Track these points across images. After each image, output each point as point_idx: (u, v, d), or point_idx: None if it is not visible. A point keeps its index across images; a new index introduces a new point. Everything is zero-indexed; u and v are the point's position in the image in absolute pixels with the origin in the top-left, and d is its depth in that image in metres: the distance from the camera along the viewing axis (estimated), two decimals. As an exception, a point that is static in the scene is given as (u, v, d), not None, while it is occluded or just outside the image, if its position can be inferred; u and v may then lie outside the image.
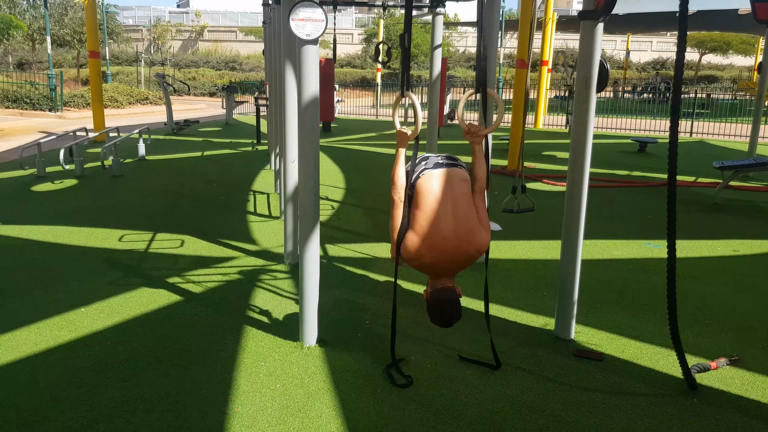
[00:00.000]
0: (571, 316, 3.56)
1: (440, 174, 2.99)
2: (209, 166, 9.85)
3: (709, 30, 34.63)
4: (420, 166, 3.07)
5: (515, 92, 9.72)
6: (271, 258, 5.02)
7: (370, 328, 3.70)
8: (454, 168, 3.04)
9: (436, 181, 2.97)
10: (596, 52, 3.26)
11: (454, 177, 2.99)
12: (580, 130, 3.36)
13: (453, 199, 2.92)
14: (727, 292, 4.43)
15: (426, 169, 3.02)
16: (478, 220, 2.95)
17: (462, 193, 2.96)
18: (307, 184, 3.27)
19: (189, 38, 46.33)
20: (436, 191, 2.93)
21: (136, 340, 3.47)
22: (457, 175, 3.01)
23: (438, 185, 2.95)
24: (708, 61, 43.00)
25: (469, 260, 2.93)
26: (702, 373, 3.17)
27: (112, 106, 21.34)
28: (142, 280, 4.46)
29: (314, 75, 3.16)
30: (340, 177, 9.02)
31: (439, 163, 3.06)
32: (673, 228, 2.77)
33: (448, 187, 2.94)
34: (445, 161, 3.09)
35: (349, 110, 21.81)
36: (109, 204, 6.95)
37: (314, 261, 3.33)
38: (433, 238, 2.86)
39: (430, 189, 2.94)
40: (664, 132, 16.09)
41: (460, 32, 46.69)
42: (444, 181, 2.96)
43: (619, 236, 5.89)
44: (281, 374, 3.09)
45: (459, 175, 3.01)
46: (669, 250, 2.84)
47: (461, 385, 3.03)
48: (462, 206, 2.92)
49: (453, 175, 3.00)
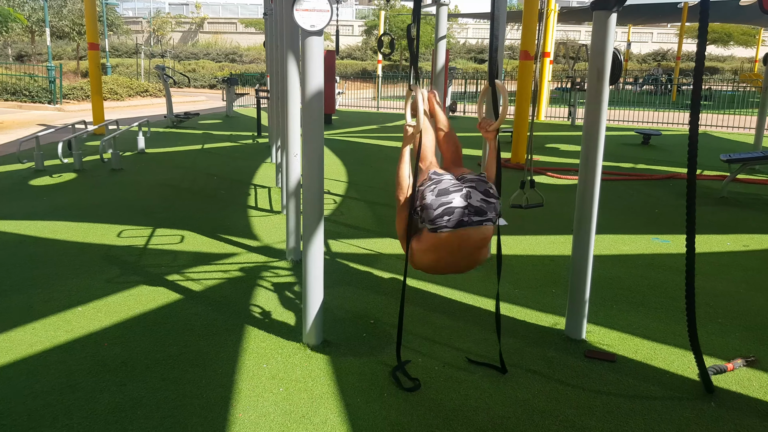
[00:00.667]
0: (583, 316, 3.45)
1: (461, 237, 2.67)
2: (209, 160, 9.73)
3: (711, 21, 34.35)
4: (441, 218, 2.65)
5: (519, 84, 9.59)
6: (272, 254, 4.92)
7: (375, 327, 3.60)
8: (479, 227, 2.68)
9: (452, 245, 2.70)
10: (609, 44, 3.15)
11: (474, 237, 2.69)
12: (592, 124, 3.25)
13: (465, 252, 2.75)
14: (739, 289, 4.33)
15: (446, 227, 2.65)
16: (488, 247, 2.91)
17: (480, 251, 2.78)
18: (312, 182, 3.17)
19: (189, 30, 46.13)
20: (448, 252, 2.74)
21: (133, 341, 3.37)
22: (480, 233, 2.70)
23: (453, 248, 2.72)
24: (709, 53, 42.73)
25: None
26: (718, 374, 3.07)
27: (112, 99, 21.20)
28: (140, 277, 4.36)
29: (319, 67, 3.04)
30: (342, 170, 8.90)
31: (464, 221, 2.65)
32: (693, 227, 2.66)
33: (465, 246, 2.72)
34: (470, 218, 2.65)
35: (350, 102, 21.66)
36: (108, 198, 6.84)
37: (318, 261, 3.23)
38: (436, 268, 2.88)
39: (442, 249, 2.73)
40: (667, 124, 15.97)
41: (461, 24, 46.43)
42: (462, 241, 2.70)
43: (626, 231, 5.79)
44: (284, 377, 2.99)
45: (482, 234, 2.70)
46: (688, 251, 2.73)
47: (471, 388, 2.93)
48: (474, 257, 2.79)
49: (474, 235, 2.69)
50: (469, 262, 2.82)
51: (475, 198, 2.68)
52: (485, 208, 2.69)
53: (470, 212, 2.65)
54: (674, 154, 11.04)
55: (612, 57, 3.14)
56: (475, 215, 2.66)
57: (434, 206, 2.66)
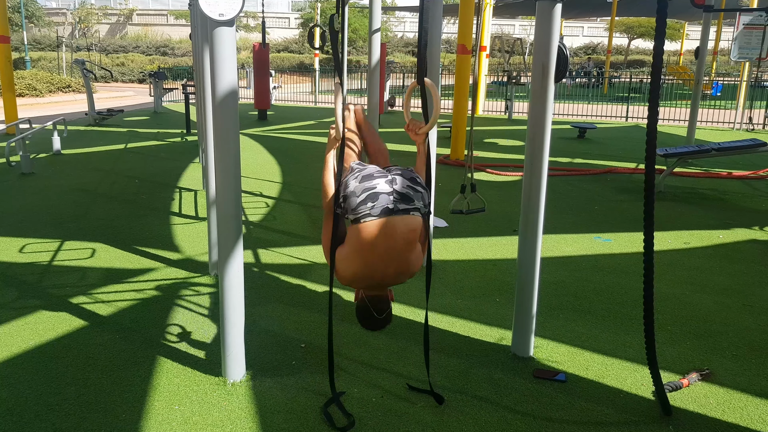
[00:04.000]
0: (530, 331, 3.21)
1: (385, 225, 2.46)
2: (132, 160, 9.09)
3: (638, 16, 35.45)
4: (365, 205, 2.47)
5: (457, 78, 9.38)
6: (194, 268, 4.48)
7: (306, 352, 3.24)
8: (405, 216, 2.49)
9: (379, 235, 2.45)
10: (554, 37, 2.89)
11: (401, 227, 2.48)
12: (537, 123, 3.00)
13: (394, 250, 2.49)
14: (685, 291, 4.21)
15: (370, 215, 2.46)
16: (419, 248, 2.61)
17: (408, 241, 2.51)
18: (226, 196, 2.77)
19: (117, 22, 44.11)
20: (376, 245, 2.46)
21: (24, 382, 2.90)
22: (407, 224, 2.49)
23: (380, 239, 2.46)
24: (636, 46, 44.16)
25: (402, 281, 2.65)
26: (674, 392, 2.88)
27: (30, 95, 19.85)
28: (40, 301, 3.85)
29: (230, 62, 2.65)
30: (276, 169, 8.46)
31: (389, 208, 2.46)
32: (651, 244, 2.44)
33: (391, 240, 2.47)
34: (396, 205, 2.48)
35: (286, 97, 21.07)
36: (13, 207, 6.19)
37: (237, 287, 2.85)
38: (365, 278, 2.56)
39: (368, 241, 2.46)
40: (601, 117, 16.19)
41: (398, 17, 46.25)
42: (388, 233, 2.46)
43: (567, 230, 5.63)
44: (199, 421, 2.60)
45: (408, 225, 2.49)
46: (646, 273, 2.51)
47: (412, 422, 2.63)
48: (404, 255, 2.52)
49: (401, 225, 2.48)
50: (400, 266, 2.53)
51: (401, 184, 2.54)
52: (412, 195, 2.54)
53: (396, 199, 2.50)
54: (610, 147, 11.11)
55: (557, 51, 2.89)
56: (401, 202, 2.50)
57: (357, 193, 2.50)
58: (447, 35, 36.24)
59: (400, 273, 2.56)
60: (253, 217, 6.00)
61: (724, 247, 5.23)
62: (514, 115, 15.70)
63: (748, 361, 3.22)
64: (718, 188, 7.55)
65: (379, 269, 2.51)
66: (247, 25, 41.04)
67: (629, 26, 40.12)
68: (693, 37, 39.50)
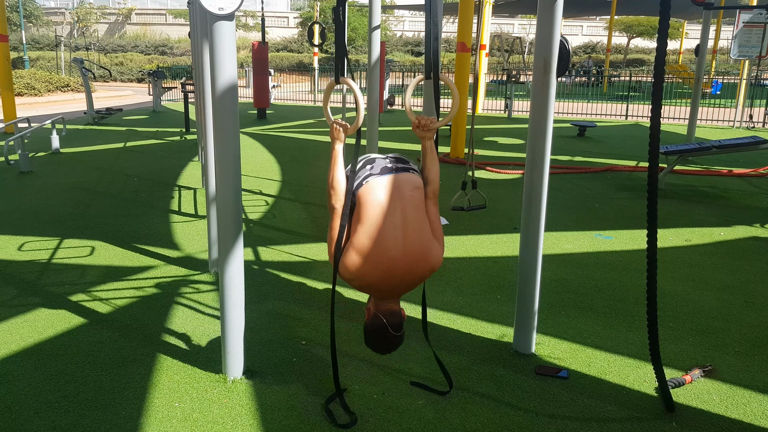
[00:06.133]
0: (532, 328, 3.19)
1: (388, 181, 2.49)
2: (132, 159, 9.06)
3: (637, 14, 35.45)
4: (364, 170, 2.55)
5: (457, 77, 9.35)
6: (194, 266, 4.46)
7: (306, 349, 3.23)
8: (406, 173, 2.54)
9: (383, 190, 2.46)
10: (556, 32, 2.87)
11: (405, 184, 2.49)
12: (538, 120, 2.98)
13: (403, 211, 2.44)
14: (686, 288, 4.19)
15: (371, 175, 2.51)
16: (432, 232, 2.51)
17: (414, 204, 2.47)
18: (226, 194, 2.75)
19: (116, 21, 44.04)
20: (382, 202, 2.44)
21: (23, 379, 2.89)
22: (409, 181, 2.52)
23: (385, 195, 2.45)
24: (635, 45, 44.10)
25: (419, 281, 2.50)
26: (677, 388, 2.86)
27: (29, 94, 19.82)
28: (39, 299, 3.83)
29: (230, 57, 2.63)
30: (275, 168, 8.44)
31: (388, 167, 2.55)
32: (654, 242, 2.43)
33: (397, 197, 2.45)
34: (395, 164, 2.58)
35: (285, 96, 21.05)
36: (12, 206, 6.17)
37: (238, 283, 2.83)
38: (377, 258, 2.39)
39: (374, 199, 2.44)
40: (600, 115, 16.17)
41: (397, 16, 46.22)
42: (392, 189, 2.46)
43: (568, 227, 5.62)
44: (199, 418, 2.59)
45: (411, 182, 2.52)
46: (649, 270, 2.49)
47: (414, 419, 2.61)
48: (414, 220, 2.44)
49: (404, 182, 2.50)
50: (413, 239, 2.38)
51: (397, 162, 2.62)
52: (407, 160, 2.65)
53: (393, 160, 2.61)
54: (609, 145, 11.10)
55: (559, 47, 2.88)
56: (398, 163, 2.60)
57: (356, 168, 2.58)
58: (446, 34, 36.21)
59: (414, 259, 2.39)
60: (253, 215, 5.98)
61: (725, 244, 5.22)
62: (514, 113, 15.68)
63: (750, 357, 3.21)
64: (718, 186, 7.54)
65: (390, 243, 2.37)
66: (246, 24, 40.99)
67: (628, 25, 40.10)
68: (692, 35, 39.52)
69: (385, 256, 2.39)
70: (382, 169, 2.53)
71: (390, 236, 2.40)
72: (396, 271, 2.40)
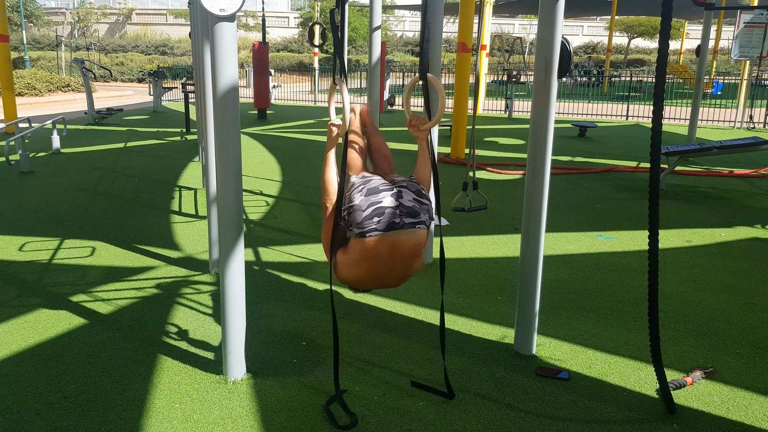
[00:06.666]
0: (533, 329, 3.19)
1: (392, 242, 2.44)
2: (132, 159, 9.07)
3: (638, 15, 35.45)
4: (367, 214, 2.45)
5: (457, 77, 9.36)
6: (195, 267, 4.46)
7: (307, 350, 3.23)
8: (412, 231, 2.47)
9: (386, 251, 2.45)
10: (557, 32, 2.87)
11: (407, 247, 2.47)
12: (540, 120, 2.97)
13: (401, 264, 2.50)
14: (687, 289, 4.19)
15: (376, 230, 2.43)
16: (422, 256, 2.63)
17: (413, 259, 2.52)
18: (227, 194, 2.75)
19: (116, 21, 44.07)
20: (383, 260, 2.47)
21: (24, 380, 2.89)
22: (414, 241, 2.48)
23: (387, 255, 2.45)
24: (636, 45, 44.10)
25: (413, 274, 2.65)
26: (678, 390, 2.86)
27: (30, 94, 19.82)
28: (40, 299, 3.83)
29: (231, 58, 2.63)
30: (275, 168, 8.44)
31: (395, 222, 2.44)
32: (656, 238, 2.42)
33: (397, 258, 2.47)
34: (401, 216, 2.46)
35: (285, 96, 21.05)
36: (12, 206, 6.17)
37: (239, 285, 2.83)
38: (364, 282, 2.60)
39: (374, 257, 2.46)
40: (601, 116, 16.17)
41: (398, 16, 46.23)
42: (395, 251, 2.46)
43: (569, 228, 5.61)
44: (200, 419, 2.59)
45: (415, 241, 2.48)
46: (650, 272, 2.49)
47: (414, 421, 2.61)
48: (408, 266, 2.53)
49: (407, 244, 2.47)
50: (401, 274, 2.56)
51: (407, 198, 2.50)
52: (418, 209, 2.51)
53: (402, 213, 2.47)
54: (610, 146, 11.09)
55: (560, 47, 2.87)
56: (407, 216, 2.47)
57: (363, 207, 2.45)
58: (447, 34, 36.20)
59: (402, 279, 2.60)
60: (254, 215, 5.98)
61: (726, 245, 5.21)
62: (514, 114, 15.68)
63: (752, 359, 3.21)
64: (719, 186, 7.54)
65: (381, 278, 2.54)
66: (247, 24, 41.01)
67: (629, 25, 40.11)
68: (693, 36, 39.49)
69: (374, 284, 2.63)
70: (388, 225, 2.44)
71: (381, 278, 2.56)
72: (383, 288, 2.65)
